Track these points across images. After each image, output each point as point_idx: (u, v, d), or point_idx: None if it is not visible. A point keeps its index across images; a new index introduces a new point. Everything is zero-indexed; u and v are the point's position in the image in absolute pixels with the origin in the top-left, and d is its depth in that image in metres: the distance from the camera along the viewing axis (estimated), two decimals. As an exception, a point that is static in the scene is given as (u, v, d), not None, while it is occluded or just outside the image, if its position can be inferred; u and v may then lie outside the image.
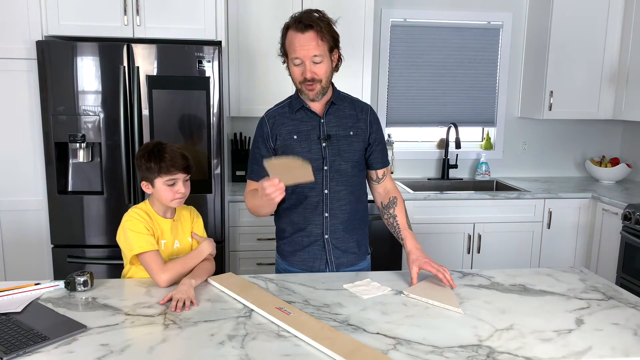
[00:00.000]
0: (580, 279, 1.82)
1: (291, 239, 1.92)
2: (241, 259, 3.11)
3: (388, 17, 3.64)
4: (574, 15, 3.45)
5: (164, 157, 1.78)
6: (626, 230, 2.99)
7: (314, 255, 1.90)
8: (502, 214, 3.29)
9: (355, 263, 1.94)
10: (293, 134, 1.84)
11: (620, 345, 1.34)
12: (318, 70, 1.74)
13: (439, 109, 3.82)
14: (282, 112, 1.88)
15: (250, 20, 3.19)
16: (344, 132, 1.85)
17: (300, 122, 1.85)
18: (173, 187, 1.81)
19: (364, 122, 1.88)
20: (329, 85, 1.82)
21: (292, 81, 1.81)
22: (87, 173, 2.82)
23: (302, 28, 1.71)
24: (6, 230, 2.85)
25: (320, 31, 1.71)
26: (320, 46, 1.72)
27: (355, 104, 1.91)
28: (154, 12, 2.75)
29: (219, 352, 1.28)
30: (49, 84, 2.66)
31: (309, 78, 1.74)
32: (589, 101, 3.57)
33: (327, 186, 1.84)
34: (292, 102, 1.88)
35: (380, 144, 1.92)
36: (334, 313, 1.51)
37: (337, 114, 1.86)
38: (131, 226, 1.77)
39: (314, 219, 1.87)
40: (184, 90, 2.72)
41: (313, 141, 1.83)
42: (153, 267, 1.71)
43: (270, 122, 1.87)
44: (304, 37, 1.71)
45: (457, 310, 1.52)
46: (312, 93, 1.77)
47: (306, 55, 1.71)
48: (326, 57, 1.75)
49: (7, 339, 1.31)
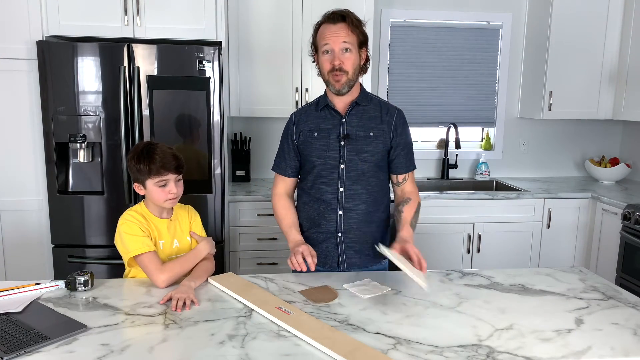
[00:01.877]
0: (580, 278, 1.82)
1: (307, 234, 1.95)
2: (241, 259, 3.11)
3: (388, 17, 3.64)
4: (573, 16, 3.45)
5: (153, 159, 1.77)
6: (626, 230, 2.99)
7: (327, 252, 1.92)
8: (502, 214, 3.30)
9: (368, 265, 1.95)
10: (314, 131, 1.89)
11: (619, 345, 1.35)
12: (346, 61, 1.78)
13: (438, 109, 3.82)
14: (309, 109, 1.95)
15: (250, 20, 3.19)
16: (364, 132, 1.87)
17: (323, 120, 1.90)
18: (165, 187, 1.79)
19: (387, 124, 1.89)
20: (356, 80, 1.86)
21: (321, 75, 1.86)
22: (88, 173, 2.83)
23: (334, 19, 1.79)
24: (7, 230, 2.86)
25: (352, 23, 1.78)
26: (350, 36, 1.78)
27: (382, 106, 1.93)
28: (154, 13, 2.75)
29: (219, 351, 1.28)
30: (49, 84, 2.66)
31: (337, 66, 1.78)
32: (588, 101, 3.57)
33: (342, 184, 1.87)
34: (320, 100, 1.94)
35: (404, 149, 1.93)
36: (333, 313, 1.51)
37: (361, 114, 1.89)
38: (126, 229, 1.77)
39: (328, 216, 1.89)
40: (184, 90, 2.72)
41: (332, 139, 1.87)
42: (150, 268, 1.70)
43: (296, 120, 1.95)
44: (336, 27, 1.78)
45: (423, 285, 1.54)
46: (338, 84, 1.81)
47: (336, 42, 1.77)
48: (354, 50, 1.80)
49: (7, 339, 1.31)
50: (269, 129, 3.61)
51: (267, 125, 3.60)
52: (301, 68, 3.24)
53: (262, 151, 3.63)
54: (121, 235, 1.77)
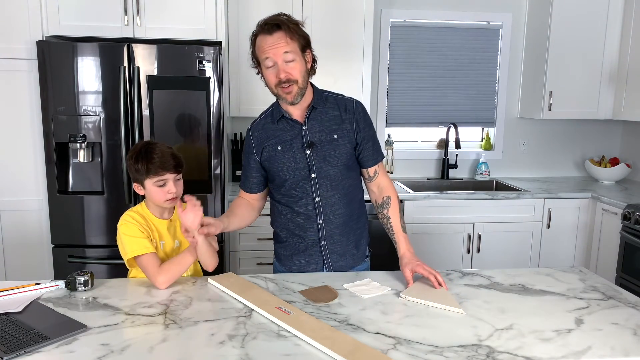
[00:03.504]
0: (580, 278, 1.82)
1: (287, 243, 1.91)
2: (241, 259, 3.11)
3: (388, 17, 3.64)
4: (573, 16, 3.45)
5: (152, 158, 1.75)
6: (626, 230, 2.99)
7: (311, 259, 1.89)
8: (502, 214, 3.30)
9: (354, 265, 1.93)
10: (277, 145, 1.81)
11: (619, 345, 1.34)
12: (292, 70, 1.68)
13: (438, 109, 3.82)
14: (265, 122, 1.85)
15: (250, 21, 3.18)
16: (327, 136, 1.79)
17: (283, 132, 1.81)
18: (163, 187, 1.77)
19: (349, 122, 1.81)
20: (306, 86, 1.75)
21: (269, 88, 1.75)
22: (88, 173, 2.83)
23: (270, 29, 1.67)
24: (7, 230, 2.86)
25: (289, 30, 1.67)
26: (290, 44, 1.67)
27: (339, 103, 1.83)
28: (154, 13, 2.75)
29: (219, 351, 1.28)
30: (49, 84, 2.67)
31: (284, 79, 1.67)
32: (588, 101, 3.57)
33: (317, 194, 1.81)
34: (274, 111, 1.84)
35: (369, 141, 1.85)
36: (334, 313, 1.51)
37: (320, 117, 1.80)
38: (125, 230, 1.76)
39: (308, 227, 1.85)
40: (184, 90, 2.72)
41: (297, 150, 1.79)
42: (149, 270, 1.70)
43: (255, 136, 1.85)
44: (273, 37, 1.66)
45: (458, 311, 1.52)
46: (289, 96, 1.71)
47: (277, 54, 1.66)
48: (298, 57, 1.70)
49: (7, 339, 1.31)
50: (269, 129, 3.60)
51: (267, 125, 3.60)
52: (301, 68, 3.24)
53: (262, 151, 3.62)
54: (120, 237, 1.77)
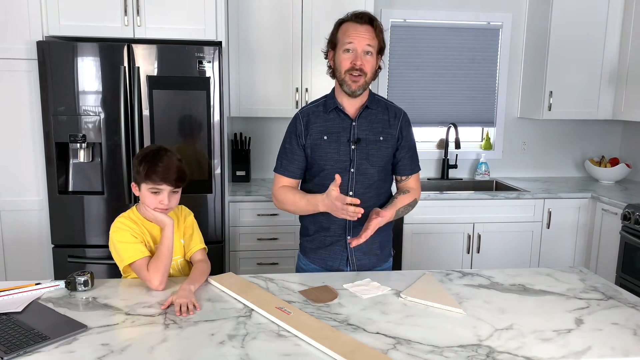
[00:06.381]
0: (580, 278, 1.82)
1: (314, 236, 1.94)
2: (241, 259, 3.11)
3: (388, 17, 3.64)
4: (573, 16, 3.45)
5: (156, 166, 1.73)
6: (626, 230, 2.99)
7: (335, 254, 1.91)
8: (502, 214, 3.30)
9: (377, 265, 1.96)
10: (324, 134, 1.86)
11: (619, 345, 1.35)
12: (367, 63, 1.77)
13: (438, 109, 3.82)
14: (316, 110, 1.89)
15: (250, 20, 3.19)
16: (374, 136, 1.86)
17: (332, 123, 1.86)
18: (157, 195, 1.75)
19: (395, 128, 1.89)
20: (369, 84, 1.84)
21: (336, 73, 1.82)
22: (88, 173, 2.83)
23: (362, 20, 1.76)
24: (7, 230, 2.86)
25: (377, 28, 1.78)
26: (374, 40, 1.77)
27: (389, 108, 1.91)
28: (155, 13, 2.75)
29: (219, 351, 1.28)
30: (49, 84, 2.67)
31: (358, 66, 1.75)
32: (588, 101, 3.57)
33: (352, 188, 1.86)
34: (327, 101, 1.89)
35: (409, 151, 1.93)
36: (333, 313, 1.51)
37: (370, 117, 1.87)
38: (118, 237, 1.75)
39: (337, 220, 1.87)
40: (185, 90, 2.72)
41: (342, 143, 1.85)
42: (144, 274, 1.69)
43: (304, 120, 1.88)
44: (362, 27, 1.76)
45: (458, 311, 1.52)
46: (355, 84, 1.78)
47: (360, 43, 1.75)
48: (375, 55, 1.80)
49: (7, 339, 1.31)
50: (269, 129, 3.61)
51: (267, 125, 3.61)
52: (301, 68, 3.24)
53: (262, 151, 3.63)
54: (114, 244, 1.75)
